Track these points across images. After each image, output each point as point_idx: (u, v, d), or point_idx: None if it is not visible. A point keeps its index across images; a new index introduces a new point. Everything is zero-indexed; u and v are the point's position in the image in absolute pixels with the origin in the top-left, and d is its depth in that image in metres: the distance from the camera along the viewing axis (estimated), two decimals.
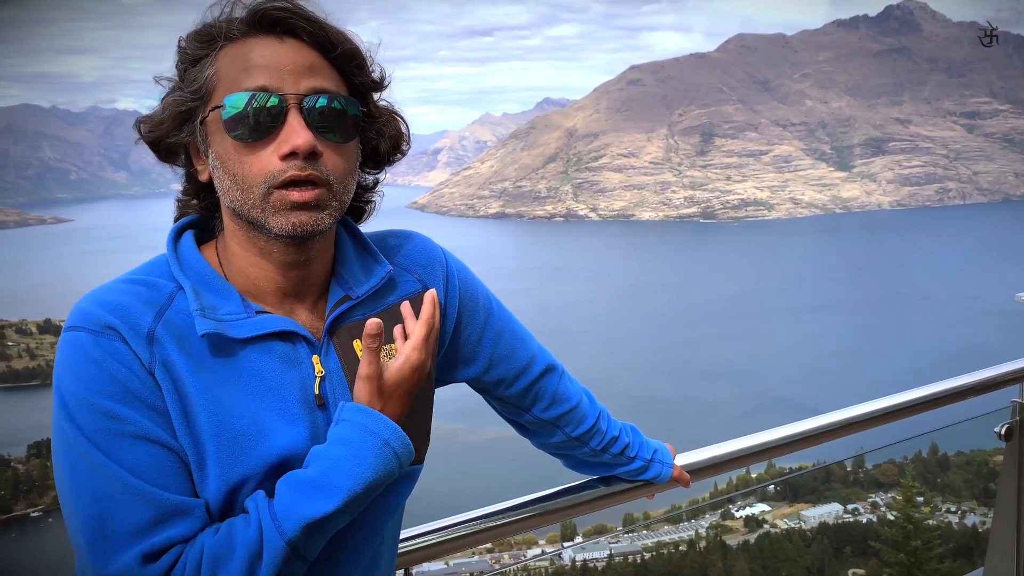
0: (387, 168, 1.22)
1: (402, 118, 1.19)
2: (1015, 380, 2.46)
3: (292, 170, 1.03)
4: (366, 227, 1.26)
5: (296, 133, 1.03)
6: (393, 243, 1.26)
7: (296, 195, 1.04)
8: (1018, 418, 2.48)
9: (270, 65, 1.05)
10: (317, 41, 1.07)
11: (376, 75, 1.14)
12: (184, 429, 1.03)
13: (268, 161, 1.04)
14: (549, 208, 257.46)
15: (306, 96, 1.05)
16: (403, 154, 1.21)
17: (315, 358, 1.11)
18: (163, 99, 1.10)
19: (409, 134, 1.20)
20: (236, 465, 1.04)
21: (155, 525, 0.99)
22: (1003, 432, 2.47)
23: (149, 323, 1.04)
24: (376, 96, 1.16)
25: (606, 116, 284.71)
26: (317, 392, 1.10)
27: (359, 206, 1.24)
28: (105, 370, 1.00)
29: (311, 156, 1.04)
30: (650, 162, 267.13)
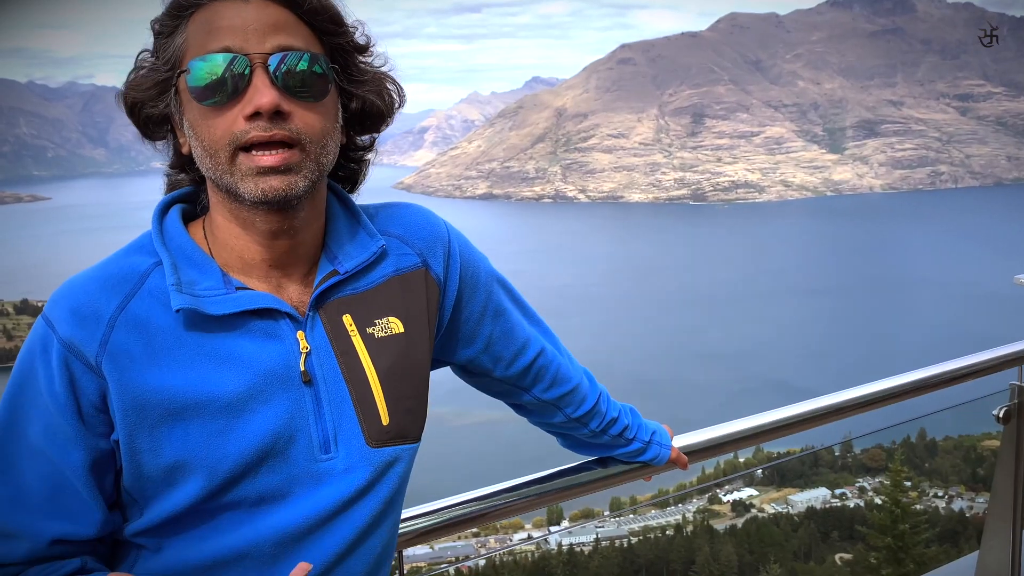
0: (374, 133, 1.18)
1: (392, 80, 1.15)
2: (1014, 363, 2.43)
3: (256, 131, 1.01)
4: (368, 201, 1.21)
5: (260, 93, 1.01)
6: (394, 215, 1.24)
7: (264, 159, 1.01)
8: (1016, 401, 2.45)
9: (235, 26, 1.02)
10: None
11: (358, 38, 1.11)
12: (132, 422, 1.03)
13: (233, 122, 1.02)
14: (537, 189, 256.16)
15: (271, 54, 1.02)
16: (389, 120, 1.17)
17: (300, 334, 1.09)
18: (137, 73, 1.09)
19: (400, 96, 1.17)
20: (217, 442, 1.04)
21: None
22: (1001, 415, 2.45)
23: (111, 312, 1.04)
24: (363, 60, 1.13)
25: (596, 96, 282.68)
26: (303, 368, 1.08)
27: (352, 168, 1.21)
28: (36, 371, 1.04)
29: (277, 116, 1.02)
30: (640, 143, 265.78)
